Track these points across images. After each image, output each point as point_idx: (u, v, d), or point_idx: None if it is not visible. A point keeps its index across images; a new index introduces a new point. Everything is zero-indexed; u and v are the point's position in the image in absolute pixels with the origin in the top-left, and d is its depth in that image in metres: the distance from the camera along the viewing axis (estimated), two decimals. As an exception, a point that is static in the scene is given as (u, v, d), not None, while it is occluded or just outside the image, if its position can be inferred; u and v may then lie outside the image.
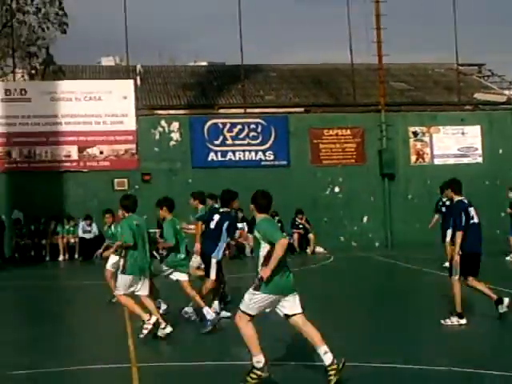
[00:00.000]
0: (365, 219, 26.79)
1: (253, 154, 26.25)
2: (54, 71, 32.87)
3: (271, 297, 7.86)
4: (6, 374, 8.98)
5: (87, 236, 24.03)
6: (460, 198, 11.20)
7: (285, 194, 25.15)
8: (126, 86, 26.32)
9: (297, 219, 25.04)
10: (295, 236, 24.81)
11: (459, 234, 10.86)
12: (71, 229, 24.11)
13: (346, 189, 26.30)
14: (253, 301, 7.87)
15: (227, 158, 26.11)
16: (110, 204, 24.16)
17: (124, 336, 11.17)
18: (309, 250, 24.89)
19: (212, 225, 12.21)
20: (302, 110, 28.72)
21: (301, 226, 25.06)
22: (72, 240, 24.00)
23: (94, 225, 24.10)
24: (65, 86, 26.42)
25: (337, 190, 26.44)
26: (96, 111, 25.67)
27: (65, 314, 13.97)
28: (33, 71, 34.00)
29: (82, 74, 34.27)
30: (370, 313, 13.37)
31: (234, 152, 26.16)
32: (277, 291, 7.87)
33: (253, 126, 26.49)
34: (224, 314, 12.02)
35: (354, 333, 11.23)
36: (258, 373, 7.77)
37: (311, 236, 24.83)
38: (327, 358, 7.80)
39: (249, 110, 28.02)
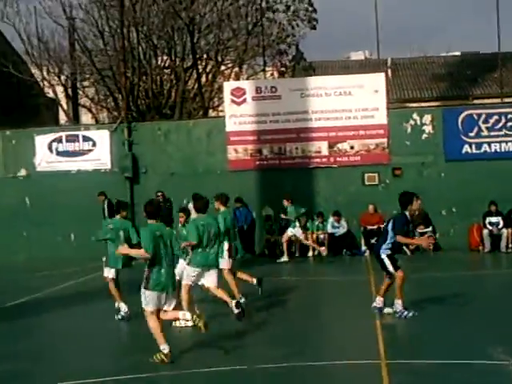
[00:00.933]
0: None
1: (510, 144, 24.72)
2: (304, 68, 33.25)
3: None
4: (257, 367, 9.32)
5: (336, 232, 23.80)
6: None
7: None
8: (377, 80, 25.70)
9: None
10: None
11: None
12: (320, 225, 23.98)
13: None
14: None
15: (482, 150, 24.77)
16: (359, 199, 24.28)
17: (373, 331, 11.28)
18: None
19: None
20: None
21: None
22: (321, 236, 23.86)
23: (343, 221, 23.87)
24: (315, 81, 26.28)
25: None
26: (347, 106, 25.30)
27: (318, 310, 13.83)
28: (283, 69, 34.54)
29: (330, 69, 34.44)
30: None
31: (489, 144, 24.77)
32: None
33: (510, 116, 24.89)
34: None
35: None
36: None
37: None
38: None
39: (506, 100, 26.49)
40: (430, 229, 23.10)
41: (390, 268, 12.46)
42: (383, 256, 12.52)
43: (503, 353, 9.34)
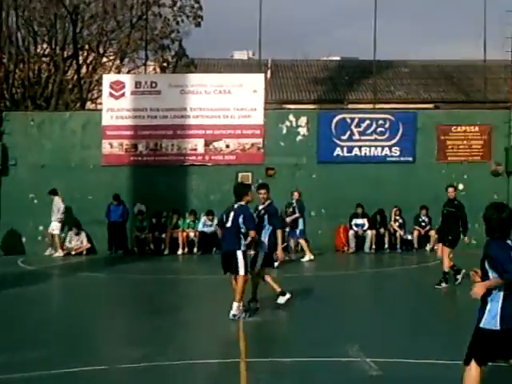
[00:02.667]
0: (485, 216, 25.55)
1: (379, 149, 25.54)
2: (186, 64, 33.24)
3: None
4: (117, 368, 9.16)
5: (207, 230, 23.94)
6: None
7: (408, 190, 24.63)
8: (257, 80, 26.03)
9: (421, 215, 24.35)
10: (415, 233, 24.35)
11: None
12: (192, 223, 24.11)
13: (470, 186, 25.30)
14: None
15: (353, 154, 25.49)
16: (233, 198, 24.44)
17: (235, 330, 11.40)
18: (428, 248, 24.21)
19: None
20: (431, 106, 27.82)
21: (423, 224, 24.33)
22: (192, 234, 23.99)
23: (215, 219, 24.02)
24: (195, 79, 26.39)
25: (461, 187, 25.41)
26: (225, 105, 25.50)
27: (181, 308, 13.95)
28: (164, 64, 34.42)
29: (214, 67, 34.57)
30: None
31: (360, 148, 25.52)
32: None
33: (381, 122, 25.71)
34: None
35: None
36: None
37: (432, 233, 24.01)
38: None
39: (378, 106, 27.32)
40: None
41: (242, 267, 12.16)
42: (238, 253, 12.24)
43: (359, 350, 9.66)
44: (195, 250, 23.81)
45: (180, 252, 23.70)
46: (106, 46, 34.78)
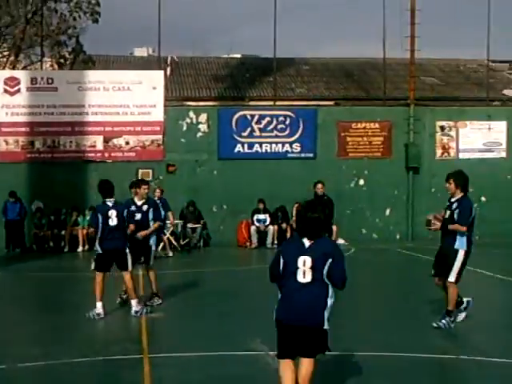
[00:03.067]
0: (387, 212, 26.35)
1: (280, 146, 25.72)
2: (84, 61, 32.68)
3: None
4: (17, 366, 9.02)
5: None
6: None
7: (309, 185, 24.77)
8: (156, 77, 25.86)
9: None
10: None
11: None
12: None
13: (371, 182, 25.90)
14: None
15: (254, 150, 25.59)
16: (129, 194, 24.21)
17: (136, 327, 11.45)
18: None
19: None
20: (332, 103, 28.17)
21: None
22: (91, 230, 23.56)
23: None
24: (93, 75, 26.02)
25: (361, 182, 25.97)
26: (124, 101, 25.24)
27: (82, 306, 13.64)
28: (61, 60, 33.77)
29: (113, 64, 34.12)
30: (386, 302, 14.37)
31: (261, 144, 25.64)
32: None
33: (281, 119, 25.92)
34: None
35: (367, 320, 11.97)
36: None
37: (334, 228, 24.25)
38: None
39: (279, 103, 27.51)
40: (200, 224, 23.65)
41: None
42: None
43: (261, 343, 9.66)
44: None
45: (80, 249, 23.33)
46: (0, 41, 33.89)
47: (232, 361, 9.21)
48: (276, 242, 23.92)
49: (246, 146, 25.59)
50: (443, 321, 10.79)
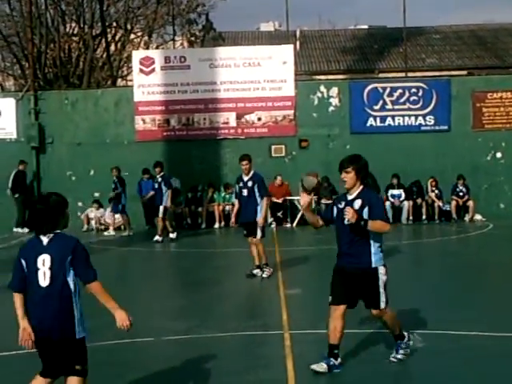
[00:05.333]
0: (527, 185, 25.39)
1: (413, 118, 25.35)
2: (214, 38, 33.18)
3: None
4: (162, 340, 9.33)
5: (243, 203, 23.94)
6: None
7: (444, 159, 24.44)
8: (286, 52, 25.88)
9: (458, 185, 24.11)
10: (453, 203, 23.97)
11: None
12: (227, 196, 24.15)
13: (509, 154, 24.97)
14: None
15: (386, 124, 25.33)
16: (266, 171, 24.50)
17: (277, 303, 11.35)
18: (467, 218, 23.93)
19: None
20: (465, 72, 27.47)
21: (461, 194, 24.11)
22: (228, 207, 24.03)
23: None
24: (224, 52, 26.28)
25: (499, 155, 25.15)
26: (255, 77, 25.43)
27: (219, 281, 14.06)
28: (192, 38, 34.37)
29: (240, 40, 34.45)
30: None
31: (393, 117, 25.35)
32: None
33: (414, 91, 25.48)
34: None
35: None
36: None
37: (471, 203, 23.84)
38: None
39: (410, 74, 27.08)
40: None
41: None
42: None
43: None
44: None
45: (217, 226, 23.79)
46: (133, 22, 34.79)
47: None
48: (411, 217, 23.64)
49: (378, 119, 25.36)
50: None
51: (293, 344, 8.81)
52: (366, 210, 7.57)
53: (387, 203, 23.74)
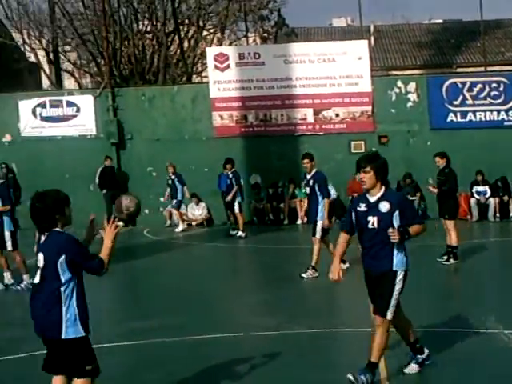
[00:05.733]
0: None
1: (494, 114, 24.77)
2: (287, 34, 33.02)
3: None
4: (253, 335, 9.41)
5: (324, 199, 23.78)
6: None
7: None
8: (361, 47, 25.54)
9: (547, 182, 23.42)
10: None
11: None
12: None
13: None
14: None
15: (467, 119, 24.82)
16: (346, 167, 24.28)
17: (364, 299, 11.18)
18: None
19: None
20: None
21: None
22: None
23: (330, 187, 23.87)
24: (298, 48, 26.07)
25: None
26: (330, 73, 25.15)
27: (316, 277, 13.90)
28: (265, 34, 34.25)
29: (313, 36, 34.24)
30: None
31: (474, 112, 24.82)
32: None
33: (494, 85, 24.89)
34: None
35: None
36: None
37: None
38: None
39: (489, 68, 26.53)
40: (417, 197, 23.30)
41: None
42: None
43: (497, 322, 9.43)
44: (312, 219, 23.73)
45: (299, 222, 23.63)
46: (206, 19, 34.79)
47: (472, 337, 9.01)
48: (498, 214, 23.03)
49: (458, 115, 24.84)
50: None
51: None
52: (396, 213, 7.17)
53: (472, 200, 23.28)
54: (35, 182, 23.95)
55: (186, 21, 34.46)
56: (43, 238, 5.89)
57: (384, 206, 7.16)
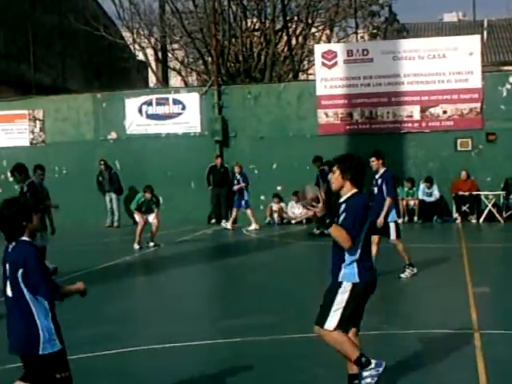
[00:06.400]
0: None
1: None
2: (398, 30, 32.56)
3: None
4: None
5: (427, 199, 23.47)
6: None
7: None
8: (472, 42, 24.94)
9: None
10: None
11: None
12: (410, 191, 23.69)
13: None
14: None
15: None
16: (451, 165, 23.78)
17: (465, 300, 11.13)
18: None
19: None
20: None
21: None
22: (412, 202, 23.58)
23: (434, 187, 23.52)
24: (407, 44, 25.73)
25: None
26: (440, 69, 24.66)
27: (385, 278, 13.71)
28: (374, 31, 33.89)
29: (423, 31, 33.66)
30: None
31: None
32: None
33: None
34: None
35: None
36: None
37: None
38: None
39: None
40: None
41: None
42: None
43: None
44: (415, 218, 23.54)
45: (400, 220, 23.24)
46: (315, 16, 34.70)
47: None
48: None
49: None
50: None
51: (483, 344, 8.54)
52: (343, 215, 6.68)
53: None
54: (137, 178, 24.72)
55: (295, 18, 34.49)
56: (10, 248, 5.66)
57: (342, 208, 6.73)
